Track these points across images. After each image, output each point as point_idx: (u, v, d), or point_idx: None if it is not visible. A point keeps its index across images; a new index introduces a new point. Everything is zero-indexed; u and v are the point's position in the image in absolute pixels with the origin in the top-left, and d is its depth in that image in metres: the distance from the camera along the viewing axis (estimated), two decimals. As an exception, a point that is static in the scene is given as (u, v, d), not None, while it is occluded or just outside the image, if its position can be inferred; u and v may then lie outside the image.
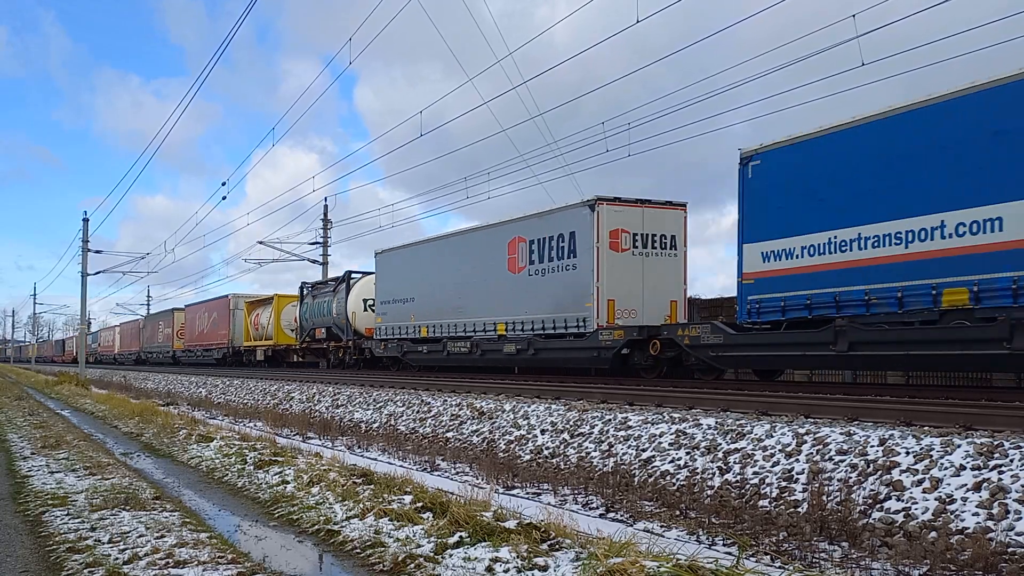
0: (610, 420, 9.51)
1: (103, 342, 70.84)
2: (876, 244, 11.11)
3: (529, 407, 11.31)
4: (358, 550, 5.29)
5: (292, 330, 32.64)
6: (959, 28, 11.40)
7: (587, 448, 9.10)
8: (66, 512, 6.32)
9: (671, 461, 7.93)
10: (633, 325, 15.83)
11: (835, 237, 11.61)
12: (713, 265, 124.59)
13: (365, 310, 26.39)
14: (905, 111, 10.79)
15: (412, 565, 4.78)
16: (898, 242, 10.85)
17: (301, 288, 31.37)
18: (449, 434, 11.68)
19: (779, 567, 5.02)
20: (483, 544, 4.97)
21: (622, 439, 8.84)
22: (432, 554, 4.91)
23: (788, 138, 12.36)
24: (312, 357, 31.53)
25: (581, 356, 17.03)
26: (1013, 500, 5.33)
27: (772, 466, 7.03)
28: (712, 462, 7.55)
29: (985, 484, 5.56)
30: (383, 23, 16.38)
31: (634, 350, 15.69)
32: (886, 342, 11.01)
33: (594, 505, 7.38)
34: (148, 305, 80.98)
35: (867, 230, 11.20)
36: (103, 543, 5.27)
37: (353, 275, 27.54)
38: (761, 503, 6.60)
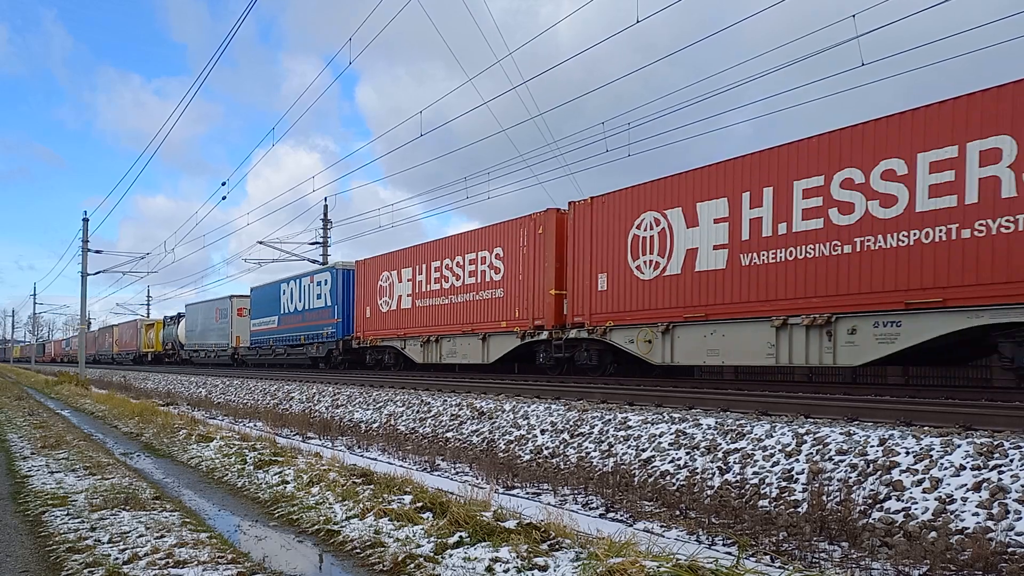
0: (610, 420, 9.51)
1: (74, 346, 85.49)
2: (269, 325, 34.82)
3: (529, 407, 11.30)
4: (358, 550, 5.29)
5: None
6: (959, 28, 11.41)
7: (587, 448, 9.10)
8: (66, 512, 6.32)
9: (671, 461, 7.93)
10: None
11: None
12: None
13: (186, 332, 46.97)
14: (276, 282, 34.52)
15: (412, 565, 4.78)
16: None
17: (165, 318, 54.89)
18: (449, 434, 11.68)
19: (779, 567, 5.03)
20: (483, 544, 4.97)
21: (622, 439, 8.84)
22: (432, 554, 4.91)
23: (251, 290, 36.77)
24: (167, 359, 53.19)
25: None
26: (1013, 500, 5.33)
27: (772, 466, 7.03)
28: (712, 462, 7.55)
29: (985, 484, 5.56)
30: (387, 23, 16.36)
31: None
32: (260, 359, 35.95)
33: (594, 505, 7.38)
34: (148, 305, 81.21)
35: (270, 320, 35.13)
36: (103, 543, 5.27)
37: (181, 313, 50.08)
38: (761, 503, 6.60)
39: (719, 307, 13.60)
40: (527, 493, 8.03)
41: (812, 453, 6.93)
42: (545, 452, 9.57)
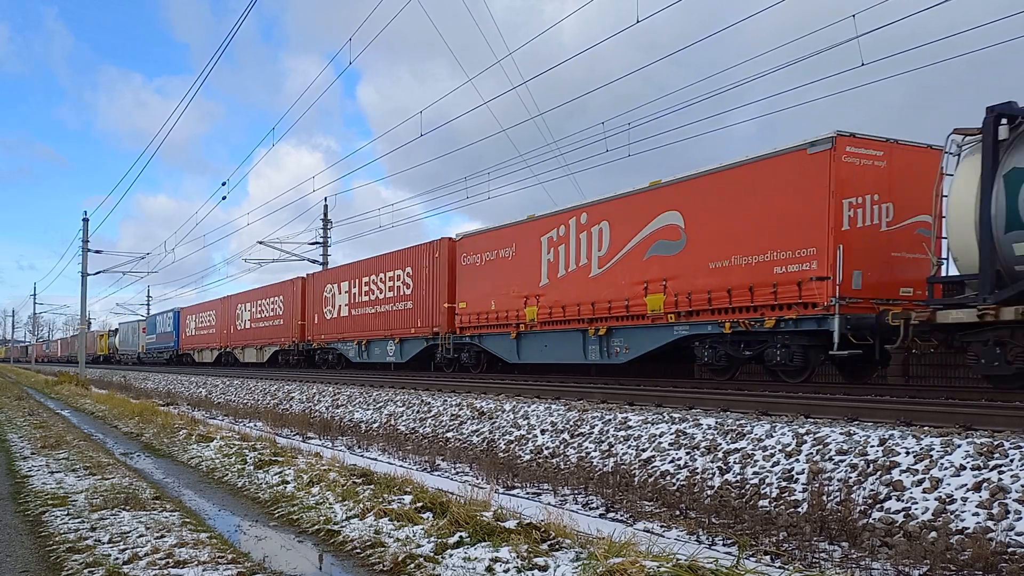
0: (610, 420, 9.51)
1: (54, 348, 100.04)
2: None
3: (529, 407, 11.31)
4: (358, 550, 5.29)
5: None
6: (959, 28, 11.41)
7: (587, 448, 9.10)
8: (66, 512, 6.32)
9: (671, 461, 7.93)
10: None
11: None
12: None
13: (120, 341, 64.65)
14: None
15: (412, 565, 4.78)
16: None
17: (108, 331, 71.91)
18: (449, 434, 11.68)
19: (779, 567, 5.03)
20: (483, 544, 4.97)
21: (622, 439, 8.84)
22: (432, 554, 4.91)
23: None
24: (112, 360, 67.16)
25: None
26: (1013, 500, 5.33)
27: (772, 466, 7.03)
28: (712, 462, 7.55)
29: (985, 484, 5.56)
30: (387, 22, 16.35)
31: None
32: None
33: (594, 505, 7.38)
34: (148, 305, 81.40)
35: (151, 337, 55.62)
36: (103, 543, 5.27)
37: (117, 328, 68.48)
38: (761, 503, 6.60)
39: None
40: (527, 493, 8.03)
41: (812, 453, 6.93)
42: (545, 452, 9.57)
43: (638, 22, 13.21)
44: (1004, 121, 9.30)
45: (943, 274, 10.64)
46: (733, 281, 12.76)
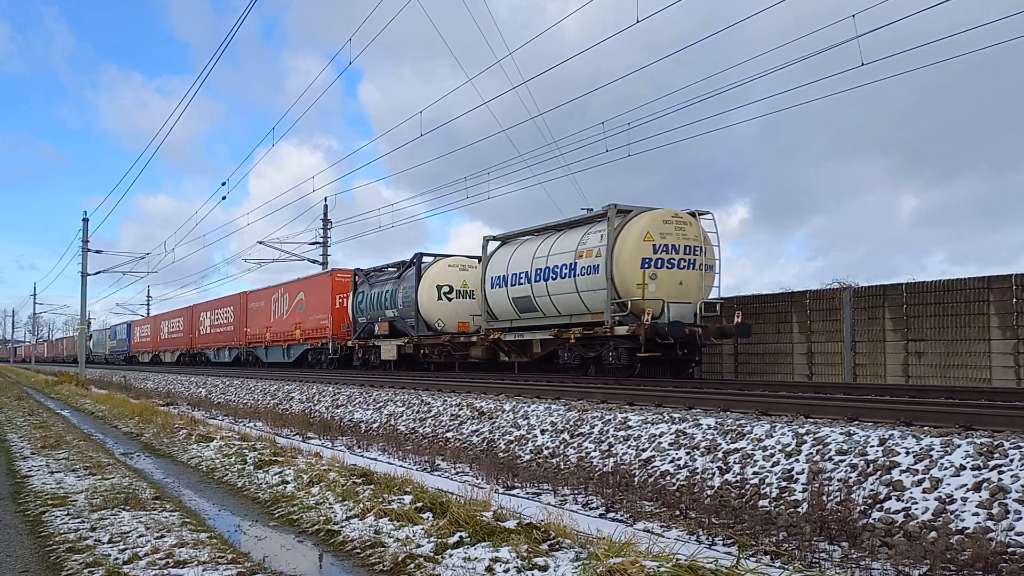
0: (610, 420, 9.51)
1: (40, 350, 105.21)
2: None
3: (529, 407, 11.30)
4: (358, 550, 5.29)
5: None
6: (959, 28, 11.43)
7: (587, 448, 9.10)
8: (66, 512, 6.32)
9: (671, 461, 7.93)
10: None
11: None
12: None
13: (94, 344, 72.58)
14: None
15: (412, 565, 4.78)
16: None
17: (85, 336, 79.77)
18: (449, 434, 11.67)
19: (779, 567, 5.03)
20: (483, 544, 4.97)
21: (622, 439, 8.84)
22: (432, 554, 4.91)
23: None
24: (88, 359, 64.65)
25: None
26: (1013, 500, 5.33)
27: (772, 466, 7.03)
28: (712, 462, 7.55)
29: (985, 484, 5.56)
30: (390, 21, 16.37)
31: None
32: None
33: (594, 505, 7.38)
34: (148, 305, 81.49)
35: (113, 342, 72.62)
36: (103, 543, 5.27)
37: (92, 334, 71.03)
38: (761, 503, 6.60)
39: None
40: (527, 493, 8.03)
41: (812, 453, 6.93)
42: (545, 452, 9.57)
43: (638, 22, 13.24)
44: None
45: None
46: (316, 325, 30.97)
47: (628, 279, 16.05)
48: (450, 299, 23.22)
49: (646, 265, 16.08)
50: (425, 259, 24.28)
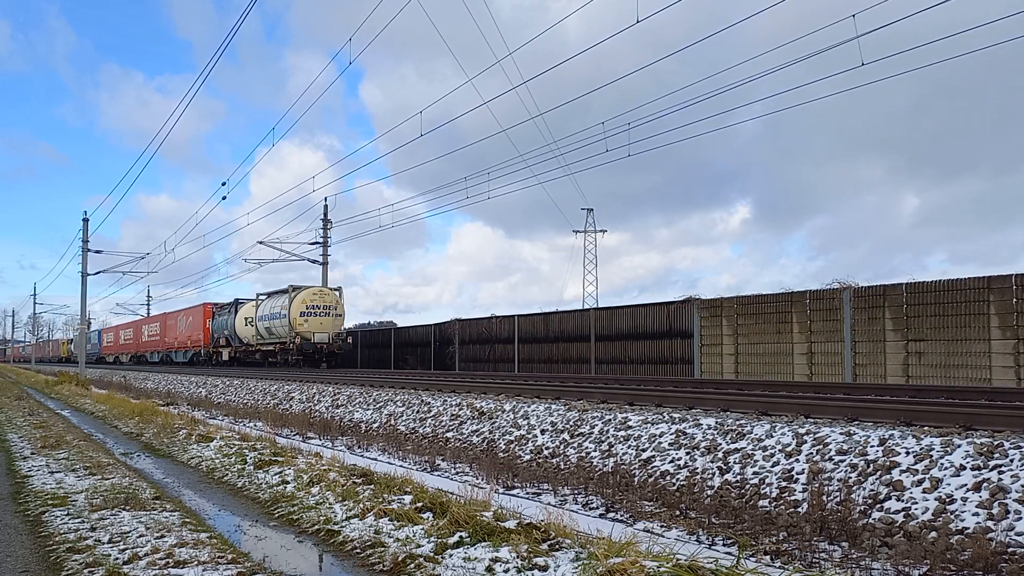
0: (610, 420, 9.51)
1: (29, 350, 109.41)
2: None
3: (529, 407, 11.30)
4: (358, 550, 5.29)
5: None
6: (959, 28, 11.43)
7: (587, 448, 9.10)
8: (66, 512, 6.32)
9: (671, 461, 7.93)
10: None
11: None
12: (718, 265, 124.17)
13: (72, 346, 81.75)
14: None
15: (412, 565, 4.78)
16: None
17: (67, 340, 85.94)
18: (449, 434, 11.68)
19: (779, 567, 5.03)
20: (483, 544, 4.97)
21: (622, 439, 8.84)
22: (432, 554, 4.91)
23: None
24: (67, 360, 79.53)
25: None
26: (1013, 500, 5.33)
27: (772, 466, 7.03)
28: (712, 462, 7.55)
29: (985, 484, 5.56)
30: (391, 20, 16.36)
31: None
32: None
33: (594, 505, 7.38)
34: (148, 305, 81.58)
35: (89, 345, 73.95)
36: (103, 543, 5.27)
37: (72, 338, 79.39)
38: (761, 503, 6.60)
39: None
40: (527, 493, 8.03)
41: (812, 453, 6.93)
42: (545, 452, 9.57)
43: (639, 22, 13.25)
44: (240, 301, 41.32)
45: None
46: (196, 338, 45.72)
47: (295, 321, 32.89)
48: (248, 325, 38.69)
49: (303, 315, 33.02)
50: (240, 300, 40.84)
